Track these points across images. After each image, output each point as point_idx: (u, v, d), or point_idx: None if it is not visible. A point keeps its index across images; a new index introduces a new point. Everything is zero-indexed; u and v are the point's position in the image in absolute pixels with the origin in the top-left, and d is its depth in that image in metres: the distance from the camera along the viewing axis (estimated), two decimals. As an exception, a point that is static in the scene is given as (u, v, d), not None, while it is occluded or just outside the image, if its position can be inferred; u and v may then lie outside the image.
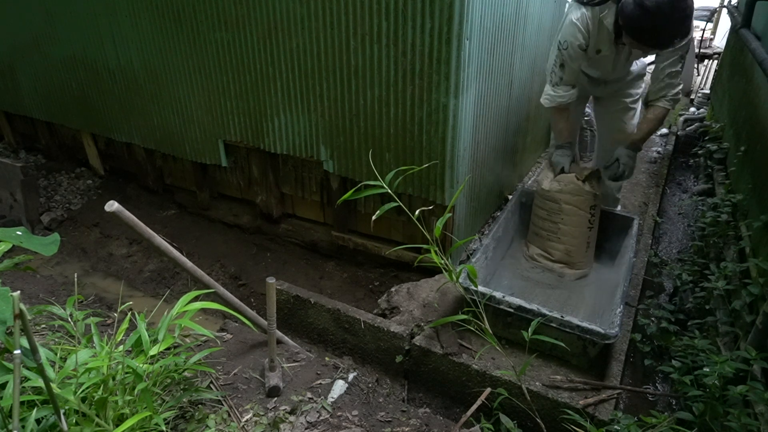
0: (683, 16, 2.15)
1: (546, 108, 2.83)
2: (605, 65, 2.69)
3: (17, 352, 1.22)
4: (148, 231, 1.80)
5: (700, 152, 4.03)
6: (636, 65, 2.86)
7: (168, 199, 4.04)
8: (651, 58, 2.78)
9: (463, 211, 2.81)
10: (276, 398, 2.02)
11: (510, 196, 3.39)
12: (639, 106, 3.00)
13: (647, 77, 2.79)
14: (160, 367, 1.76)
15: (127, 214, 1.71)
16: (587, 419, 1.89)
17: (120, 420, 1.60)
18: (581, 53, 2.52)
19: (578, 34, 2.45)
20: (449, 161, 2.55)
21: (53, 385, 1.44)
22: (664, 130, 4.89)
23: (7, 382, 1.47)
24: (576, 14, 2.44)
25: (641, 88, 2.98)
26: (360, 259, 3.28)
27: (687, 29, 2.25)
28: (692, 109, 5.30)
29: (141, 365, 1.68)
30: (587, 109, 3.53)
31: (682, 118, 5.06)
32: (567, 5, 2.61)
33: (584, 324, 2.14)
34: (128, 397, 1.65)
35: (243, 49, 2.87)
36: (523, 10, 2.87)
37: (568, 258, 2.86)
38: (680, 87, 2.58)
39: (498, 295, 2.29)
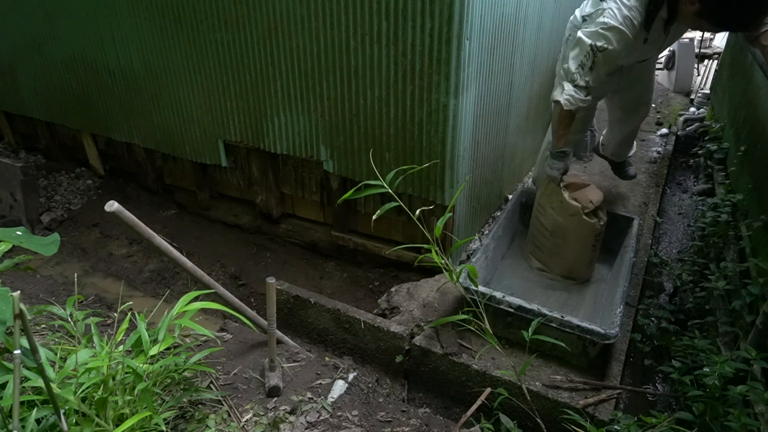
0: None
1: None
2: (649, 50, 2.59)
3: (17, 352, 1.22)
4: (148, 231, 1.80)
5: (700, 152, 4.02)
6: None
7: (168, 199, 4.04)
8: None
9: (463, 210, 2.81)
10: (276, 398, 2.03)
11: (510, 196, 3.39)
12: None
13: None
14: (160, 367, 1.76)
15: (127, 214, 1.71)
16: (587, 419, 1.89)
17: (120, 420, 1.60)
18: (621, 54, 2.35)
19: (623, 38, 2.28)
20: (449, 161, 2.55)
21: (53, 385, 1.44)
22: (664, 130, 4.88)
23: (7, 382, 1.47)
24: (618, 17, 2.25)
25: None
26: (360, 259, 3.27)
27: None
28: (692, 109, 5.29)
29: (141, 365, 1.68)
30: None
31: (682, 118, 5.05)
32: (588, 3, 2.47)
33: (584, 324, 2.14)
34: (128, 397, 1.65)
35: (243, 49, 2.87)
36: (523, 11, 2.86)
37: (570, 273, 2.87)
38: None
39: (498, 295, 2.29)
